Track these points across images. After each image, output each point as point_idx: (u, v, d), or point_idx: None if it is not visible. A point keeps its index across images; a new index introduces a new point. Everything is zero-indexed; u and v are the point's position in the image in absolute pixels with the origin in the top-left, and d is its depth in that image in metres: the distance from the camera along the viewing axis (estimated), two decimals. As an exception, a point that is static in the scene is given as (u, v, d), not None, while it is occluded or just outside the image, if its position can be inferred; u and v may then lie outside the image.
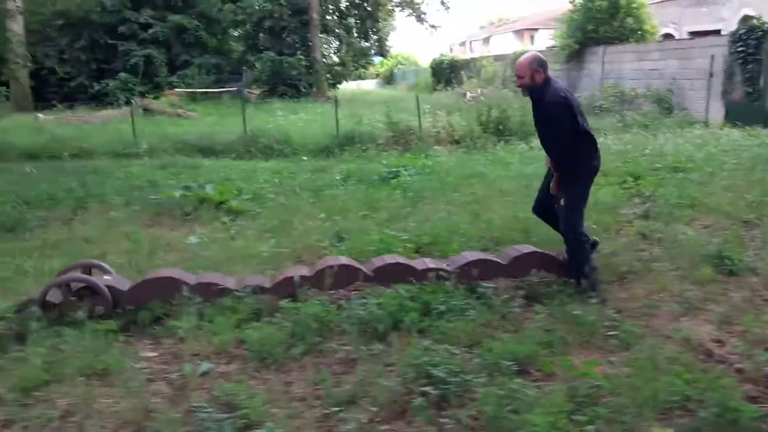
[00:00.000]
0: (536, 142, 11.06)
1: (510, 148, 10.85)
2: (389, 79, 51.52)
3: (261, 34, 29.85)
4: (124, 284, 4.39)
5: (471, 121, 12.74)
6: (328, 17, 30.68)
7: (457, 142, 12.05)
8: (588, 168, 4.44)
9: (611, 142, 10.54)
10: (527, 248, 4.75)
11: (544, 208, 4.74)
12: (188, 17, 28.21)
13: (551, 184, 4.54)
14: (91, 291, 4.23)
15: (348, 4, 31.94)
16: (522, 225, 5.72)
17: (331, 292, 4.38)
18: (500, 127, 12.10)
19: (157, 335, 4.06)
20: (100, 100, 26.51)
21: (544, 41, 34.97)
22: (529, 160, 9.25)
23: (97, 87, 27.43)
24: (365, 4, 30.93)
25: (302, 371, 3.55)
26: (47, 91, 28.12)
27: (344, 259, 4.61)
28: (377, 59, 45.33)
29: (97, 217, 7.28)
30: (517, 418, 2.89)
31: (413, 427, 3.01)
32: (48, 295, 4.16)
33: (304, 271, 4.56)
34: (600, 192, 7.02)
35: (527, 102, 4.77)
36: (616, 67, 19.01)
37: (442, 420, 2.96)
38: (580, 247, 4.43)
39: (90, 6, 26.04)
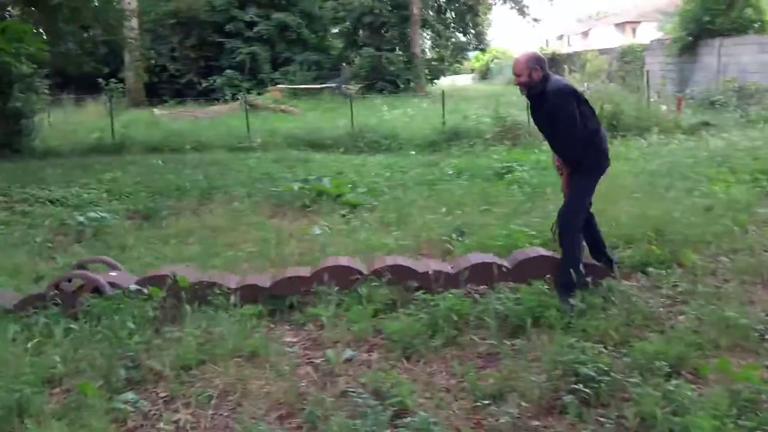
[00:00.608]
0: (653, 137, 10.69)
1: (627, 143, 10.48)
2: (485, 74, 50.94)
3: (360, 31, 30.21)
4: (129, 280, 4.47)
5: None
6: (427, 12, 30.63)
7: (567, 137, 11.75)
8: (596, 165, 4.29)
9: (737, 138, 9.97)
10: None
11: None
12: (291, 15, 28.94)
13: (562, 185, 4.46)
14: (93, 287, 4.32)
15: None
16: (652, 223, 5.51)
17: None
18: (614, 122, 11.69)
19: (297, 321, 4.20)
20: (207, 96, 27.65)
21: (648, 34, 33.54)
22: (651, 156, 8.90)
23: (204, 83, 28.65)
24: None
25: (443, 363, 3.57)
26: (159, 87, 29.63)
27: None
28: (472, 54, 44.96)
29: (221, 207, 7.59)
30: (679, 420, 2.79)
31: (565, 424, 2.96)
32: (53, 290, 4.32)
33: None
34: (732, 190, 6.68)
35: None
36: (735, 60, 17.95)
37: (600, 418, 2.90)
38: (573, 247, 4.25)
39: (200, 6, 27.20)
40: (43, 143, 12.88)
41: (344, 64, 31.03)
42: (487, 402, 3.10)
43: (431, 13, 32.06)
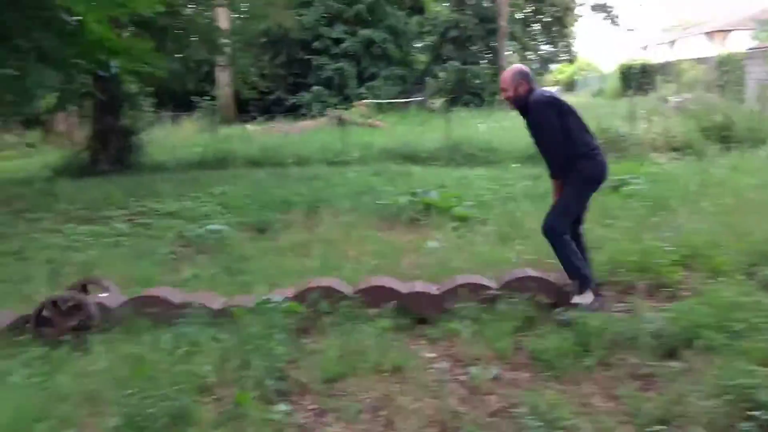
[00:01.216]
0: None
1: (743, 155, 9.93)
2: (570, 86, 50.02)
3: (445, 45, 30.22)
4: (118, 301, 4.51)
5: (689, 127, 11.88)
6: (513, 24, 30.35)
7: (675, 149, 11.28)
8: (587, 177, 4.31)
9: None
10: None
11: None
12: (377, 31, 29.29)
13: (553, 193, 4.48)
14: (79, 307, 4.34)
15: (533, 9, 31.38)
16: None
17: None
18: (725, 134, 11.14)
19: (432, 336, 4.13)
20: (295, 112, 28.30)
21: (740, 42, 31.96)
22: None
23: (292, 100, 29.34)
24: (553, 9, 30.21)
25: (596, 384, 3.41)
26: (248, 104, 30.56)
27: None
28: (553, 66, 44.18)
29: (329, 220, 7.64)
30: None
31: (747, 453, 2.76)
32: (42, 311, 4.32)
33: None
34: None
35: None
36: None
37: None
38: (562, 247, 4.26)
39: (291, 25, 27.92)
40: (150, 158, 13.44)
41: (428, 78, 31.10)
42: (655, 429, 2.93)
43: (517, 25, 31.73)
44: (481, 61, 29.10)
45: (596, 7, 30.42)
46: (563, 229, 4.29)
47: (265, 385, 3.41)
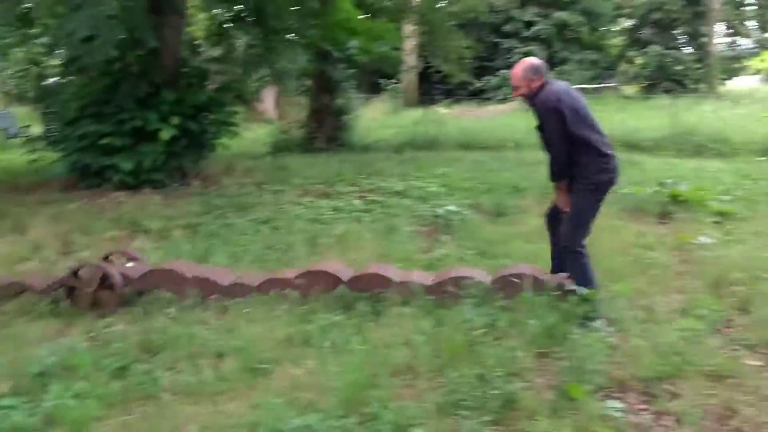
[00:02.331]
0: None
1: None
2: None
3: (646, 28, 28.33)
4: (140, 271, 4.65)
5: None
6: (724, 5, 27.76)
7: None
8: (593, 181, 4.01)
9: None
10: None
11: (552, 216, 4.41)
12: (572, 13, 28.12)
13: (555, 197, 4.29)
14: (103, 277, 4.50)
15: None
16: None
17: None
18: None
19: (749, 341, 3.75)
20: (478, 96, 28.00)
21: None
22: None
23: (478, 84, 29.02)
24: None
25: None
26: (431, 87, 30.73)
27: None
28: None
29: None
30: None
31: None
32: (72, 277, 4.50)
33: None
34: None
35: None
36: None
37: None
38: (579, 265, 4.06)
39: (483, 8, 27.59)
40: (358, 138, 13.85)
41: (624, 63, 29.44)
42: None
43: (727, 6, 28.98)
44: (684, 47, 26.91)
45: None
46: (581, 241, 4.11)
47: (584, 377, 3.25)
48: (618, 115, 14.93)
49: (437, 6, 25.83)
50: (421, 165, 10.02)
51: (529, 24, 28.65)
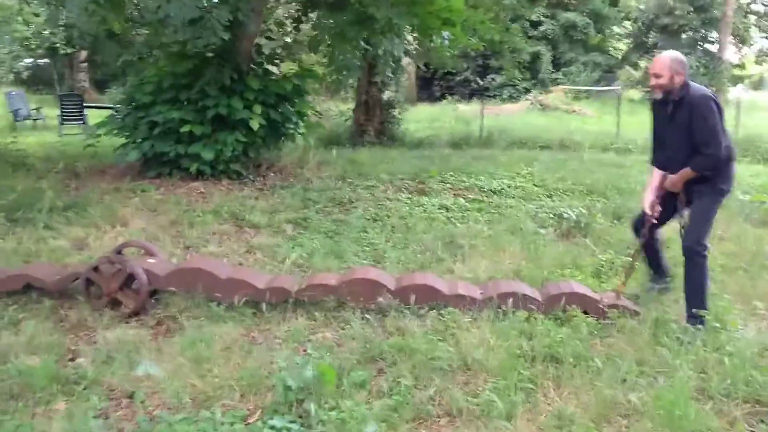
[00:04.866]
0: None
1: None
2: (757, 85, 45.93)
3: (652, 32, 28.52)
4: (167, 268, 4.37)
5: None
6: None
7: None
8: (723, 186, 3.98)
9: None
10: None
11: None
12: (580, 14, 28.15)
13: (648, 201, 4.19)
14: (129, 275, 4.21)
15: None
16: None
17: None
18: None
19: None
20: (481, 94, 27.83)
21: None
22: None
23: (482, 82, 28.85)
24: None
25: None
26: (431, 85, 30.52)
27: None
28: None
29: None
30: None
31: None
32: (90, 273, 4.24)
33: None
34: None
35: None
36: None
37: None
38: (699, 267, 3.93)
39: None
40: (404, 133, 13.53)
41: (626, 66, 29.59)
42: None
43: (736, 16, 29.31)
44: (690, 53, 27.10)
45: None
46: (706, 241, 3.97)
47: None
48: (609, 117, 14.84)
49: None
50: (499, 163, 9.75)
51: (536, 24, 28.56)
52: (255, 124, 8.00)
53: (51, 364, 3.40)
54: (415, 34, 9.82)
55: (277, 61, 8.99)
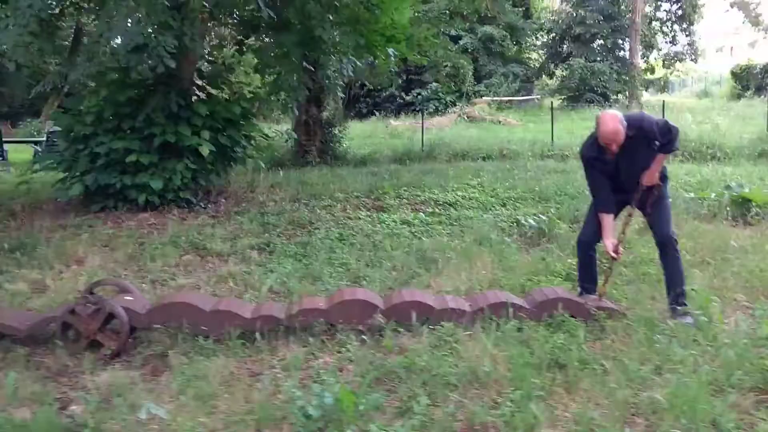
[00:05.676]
0: None
1: None
2: (663, 87, 48.51)
3: (566, 42, 29.73)
4: (144, 305, 4.21)
5: None
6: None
7: None
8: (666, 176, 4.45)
9: None
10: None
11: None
12: (497, 27, 29.01)
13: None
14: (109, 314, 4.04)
15: (654, 7, 30.55)
16: None
17: None
18: None
19: None
20: (407, 108, 28.18)
21: None
22: None
23: (407, 97, 29.23)
24: (677, 6, 29.36)
25: None
26: (357, 100, 30.69)
27: None
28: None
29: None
30: None
31: None
32: (67, 315, 4.05)
33: None
34: None
35: None
36: None
37: None
38: (677, 253, 4.35)
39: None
40: (344, 150, 13.51)
41: (544, 75, 30.71)
42: None
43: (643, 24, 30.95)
44: (602, 60, 28.42)
45: (734, 4, 29.33)
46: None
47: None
48: (532, 125, 15.38)
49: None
50: (448, 176, 9.87)
51: (455, 38, 29.20)
52: (205, 150, 7.80)
53: (47, 416, 3.18)
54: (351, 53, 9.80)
55: (223, 85, 8.80)
